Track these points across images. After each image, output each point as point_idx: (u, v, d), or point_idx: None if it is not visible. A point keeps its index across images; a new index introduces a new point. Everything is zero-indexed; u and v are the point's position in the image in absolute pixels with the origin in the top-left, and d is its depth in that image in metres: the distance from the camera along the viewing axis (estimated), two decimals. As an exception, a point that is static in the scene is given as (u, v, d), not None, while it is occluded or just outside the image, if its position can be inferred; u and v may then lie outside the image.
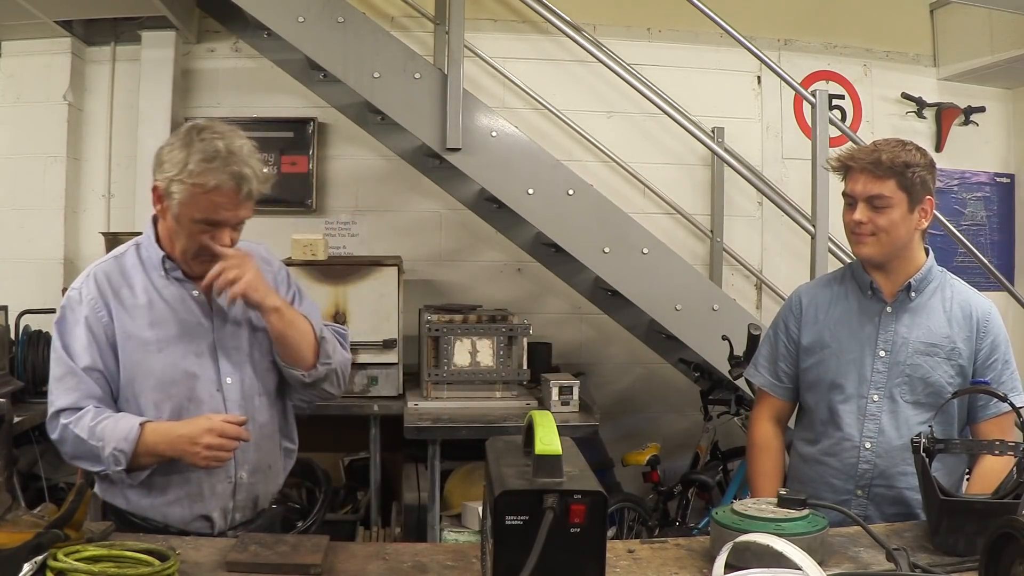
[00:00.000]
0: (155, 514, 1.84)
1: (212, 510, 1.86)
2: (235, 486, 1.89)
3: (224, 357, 1.88)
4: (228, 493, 1.88)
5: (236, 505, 1.90)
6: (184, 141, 1.78)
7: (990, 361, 2.09)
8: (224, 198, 1.76)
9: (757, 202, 4.83)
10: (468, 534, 3.36)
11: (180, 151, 1.76)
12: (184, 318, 1.86)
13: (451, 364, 3.60)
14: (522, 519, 1.23)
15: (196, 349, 1.85)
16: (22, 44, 4.30)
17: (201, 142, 1.76)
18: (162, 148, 1.81)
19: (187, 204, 1.77)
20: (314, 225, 4.49)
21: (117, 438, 1.74)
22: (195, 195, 1.75)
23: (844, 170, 2.10)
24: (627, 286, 3.61)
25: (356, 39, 3.40)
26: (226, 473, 1.87)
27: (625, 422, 4.70)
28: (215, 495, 1.87)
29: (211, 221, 1.79)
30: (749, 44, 3.76)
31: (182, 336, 1.84)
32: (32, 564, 1.30)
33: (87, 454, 1.77)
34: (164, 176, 1.78)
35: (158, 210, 1.83)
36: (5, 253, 4.27)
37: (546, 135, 4.54)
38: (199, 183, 1.74)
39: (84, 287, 1.84)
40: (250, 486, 1.92)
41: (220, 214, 1.78)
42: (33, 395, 3.64)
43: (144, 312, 1.82)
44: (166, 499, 1.84)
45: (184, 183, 1.75)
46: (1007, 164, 5.21)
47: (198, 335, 1.86)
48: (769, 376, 2.29)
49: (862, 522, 1.70)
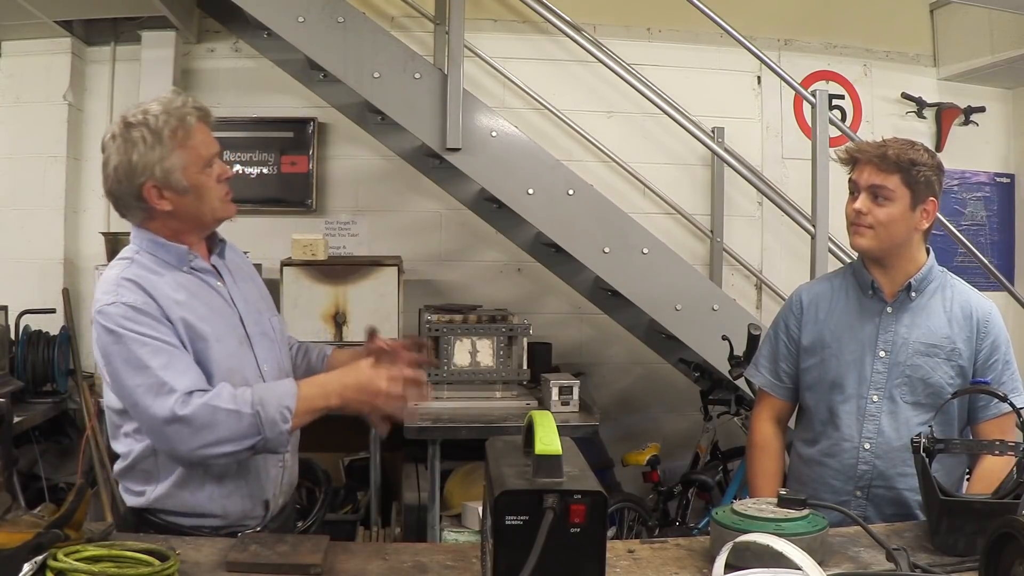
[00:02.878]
0: (216, 508, 1.80)
1: (269, 495, 1.87)
2: (283, 469, 1.91)
3: (256, 343, 1.88)
4: (279, 479, 1.90)
5: (282, 489, 1.92)
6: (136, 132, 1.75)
7: (990, 362, 2.09)
8: (204, 133, 1.81)
9: (757, 202, 4.83)
10: (468, 534, 3.36)
11: (141, 140, 1.74)
12: (219, 309, 1.85)
13: (451, 364, 3.60)
14: (522, 519, 1.23)
15: (238, 337, 1.85)
16: (22, 44, 4.30)
17: (147, 115, 1.76)
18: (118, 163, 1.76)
19: (188, 163, 1.77)
20: (314, 225, 4.50)
21: (279, 396, 1.69)
22: (186, 148, 1.76)
23: (852, 162, 2.11)
24: (627, 286, 3.61)
25: (356, 39, 3.40)
26: (277, 458, 1.87)
27: (625, 422, 4.70)
28: (270, 480, 1.87)
29: (210, 157, 1.81)
30: (749, 44, 3.76)
31: (226, 325, 1.84)
32: (32, 564, 1.30)
33: (239, 429, 1.65)
34: (149, 168, 1.74)
35: (162, 205, 1.78)
36: (5, 253, 4.27)
37: (546, 135, 4.54)
38: (184, 136, 1.76)
39: (122, 295, 1.71)
40: (291, 468, 1.95)
41: (212, 147, 1.82)
42: (33, 395, 3.65)
43: (188, 307, 1.78)
44: (227, 491, 1.81)
45: (172, 149, 1.75)
46: (1007, 164, 5.21)
47: (234, 324, 1.86)
48: (769, 376, 2.29)
49: (862, 522, 1.70)
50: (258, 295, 1.99)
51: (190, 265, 1.84)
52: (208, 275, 1.87)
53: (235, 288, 1.91)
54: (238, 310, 1.88)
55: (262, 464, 1.84)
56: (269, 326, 1.95)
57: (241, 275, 1.98)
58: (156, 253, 1.82)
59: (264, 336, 1.92)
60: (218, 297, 1.86)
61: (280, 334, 2.00)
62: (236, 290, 1.91)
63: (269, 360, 1.90)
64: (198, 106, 1.82)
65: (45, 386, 3.72)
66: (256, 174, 4.53)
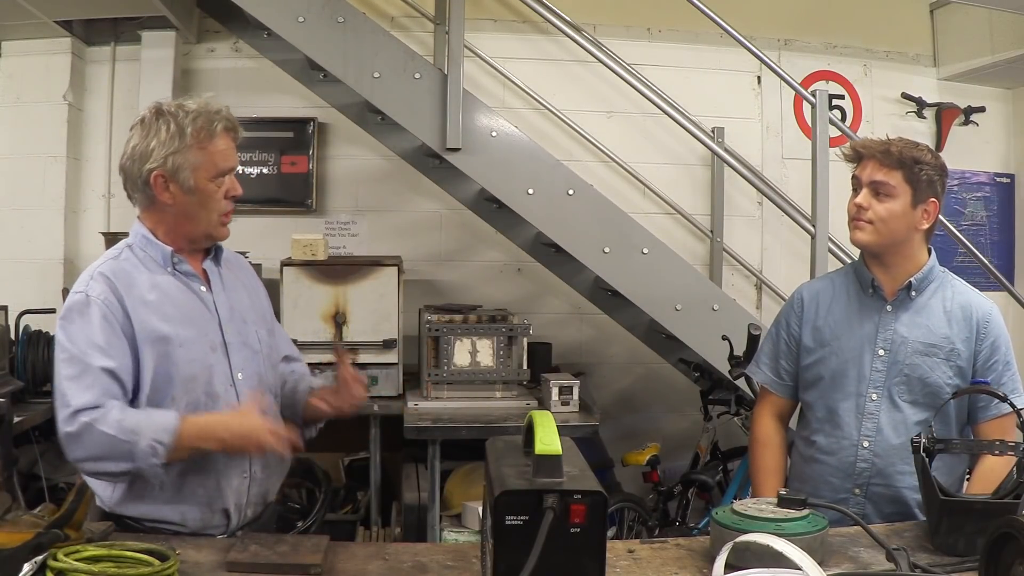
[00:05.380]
0: (174, 515, 1.82)
1: (229, 506, 1.86)
2: (250, 481, 1.89)
3: (233, 352, 1.88)
4: (244, 489, 1.89)
5: (249, 501, 1.91)
6: (163, 121, 1.79)
7: (990, 362, 2.09)
8: (227, 144, 1.84)
9: (757, 202, 4.83)
10: (468, 534, 3.36)
11: (165, 129, 1.78)
12: (194, 313, 1.85)
13: (451, 364, 3.60)
14: (522, 519, 1.23)
15: (210, 343, 1.85)
16: (22, 44, 4.30)
17: (180, 109, 1.80)
18: (136, 144, 1.81)
19: (201, 166, 1.79)
20: (314, 225, 4.50)
21: (154, 430, 1.69)
22: (204, 151, 1.79)
23: (856, 158, 2.12)
24: (627, 286, 3.61)
25: (356, 39, 3.40)
26: (241, 468, 1.87)
27: (625, 422, 4.70)
28: (232, 491, 1.87)
29: (226, 170, 1.84)
30: (749, 44, 3.76)
31: (196, 331, 1.84)
32: (32, 564, 1.30)
33: (114, 452, 1.69)
34: (161, 157, 1.78)
35: (165, 197, 1.81)
36: (5, 253, 4.26)
37: (546, 135, 4.54)
38: (206, 139, 1.79)
39: (91, 288, 1.77)
40: (262, 481, 1.93)
41: (230, 160, 1.85)
42: (33, 395, 3.64)
43: (156, 308, 1.80)
44: (183, 499, 1.82)
45: (190, 147, 1.78)
46: (1007, 164, 5.21)
47: (209, 330, 1.86)
48: (771, 374, 2.29)
49: (862, 522, 1.70)
50: (249, 305, 1.98)
51: (175, 267, 1.86)
52: (193, 279, 1.88)
53: (221, 295, 1.91)
54: (219, 316, 1.88)
55: (222, 471, 1.84)
56: (255, 337, 1.94)
57: (235, 284, 1.98)
58: (146, 249, 1.86)
59: (245, 346, 1.91)
60: (197, 302, 1.87)
61: (268, 347, 1.98)
62: (222, 297, 1.91)
63: (246, 370, 1.90)
64: (230, 118, 1.85)
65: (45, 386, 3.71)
66: (256, 174, 4.54)
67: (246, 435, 1.74)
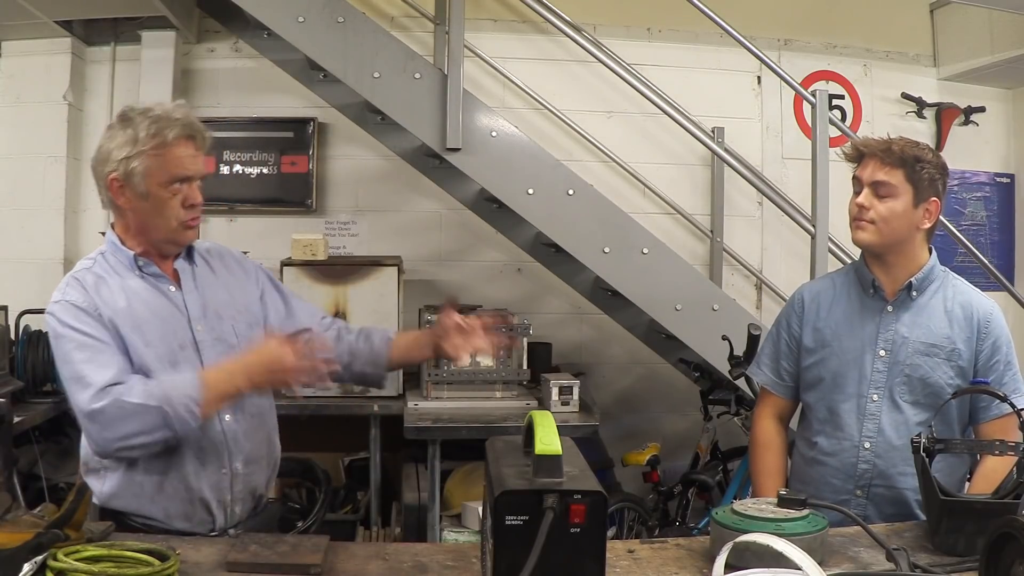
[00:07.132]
0: (158, 512, 1.83)
1: (211, 502, 1.86)
2: (231, 476, 1.89)
3: (205, 348, 1.88)
4: (225, 484, 1.88)
5: (234, 497, 1.90)
6: (122, 126, 1.81)
7: (991, 363, 2.08)
8: (183, 150, 1.82)
9: (757, 202, 4.83)
10: (468, 534, 3.36)
11: (122, 134, 1.80)
12: (163, 315, 1.86)
13: (451, 364, 3.60)
14: (522, 519, 1.23)
15: (179, 342, 1.86)
16: (22, 44, 4.30)
17: (140, 115, 1.80)
18: (100, 147, 1.83)
19: (153, 172, 1.79)
20: (314, 225, 4.49)
21: (182, 390, 1.71)
22: (157, 158, 1.79)
23: (858, 158, 2.12)
24: (627, 286, 3.61)
25: (356, 39, 3.40)
26: (219, 462, 1.87)
27: (625, 422, 4.70)
28: (210, 487, 1.86)
29: (180, 177, 1.82)
30: (749, 44, 3.76)
31: (165, 332, 1.85)
32: (32, 564, 1.30)
33: (146, 422, 1.69)
34: (116, 162, 1.79)
35: (122, 202, 1.83)
36: (5, 253, 4.27)
37: (546, 135, 4.54)
38: (158, 144, 1.78)
39: (67, 294, 1.79)
40: (246, 476, 1.92)
41: (186, 167, 1.83)
42: (33, 395, 3.64)
43: (126, 313, 1.82)
44: (164, 496, 1.82)
45: (143, 152, 1.78)
46: (1007, 164, 5.20)
47: (179, 330, 1.87)
48: (771, 374, 2.29)
49: (862, 522, 1.70)
50: (227, 300, 1.96)
51: (140, 270, 1.87)
52: (161, 280, 1.89)
53: (192, 293, 1.91)
54: (188, 315, 1.89)
55: (193, 469, 1.84)
56: (232, 332, 1.93)
57: (211, 281, 1.97)
58: (115, 255, 1.88)
59: (220, 342, 1.90)
60: (166, 302, 1.88)
61: (246, 340, 1.94)
62: (193, 295, 1.91)
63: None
64: (190, 124, 1.83)
65: (45, 386, 3.71)
66: (256, 174, 4.53)
67: (270, 365, 1.75)
